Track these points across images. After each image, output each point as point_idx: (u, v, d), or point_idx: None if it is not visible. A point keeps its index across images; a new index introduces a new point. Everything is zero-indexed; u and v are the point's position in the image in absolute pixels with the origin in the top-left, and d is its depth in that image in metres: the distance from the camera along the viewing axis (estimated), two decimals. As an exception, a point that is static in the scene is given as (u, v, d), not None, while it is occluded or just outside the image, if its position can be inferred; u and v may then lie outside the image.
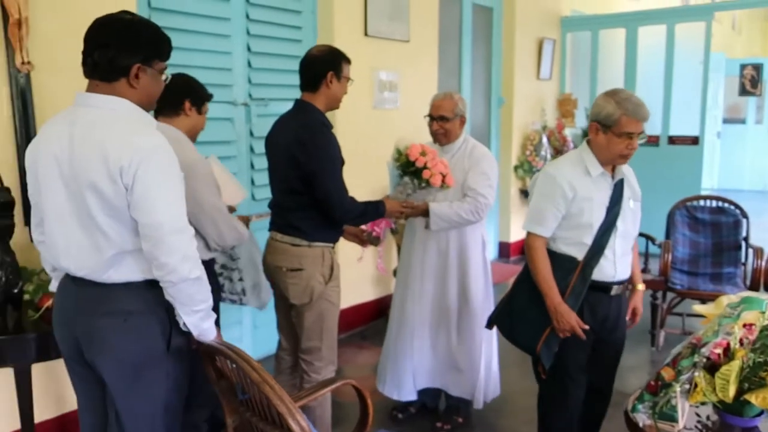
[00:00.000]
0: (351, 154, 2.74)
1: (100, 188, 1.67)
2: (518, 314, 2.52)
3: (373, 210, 2.66)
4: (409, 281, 3.12)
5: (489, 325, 2.70)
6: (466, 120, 3.01)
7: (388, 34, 4.51)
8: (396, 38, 4.58)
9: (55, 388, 2.83)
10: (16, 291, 2.46)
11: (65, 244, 1.77)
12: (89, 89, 1.76)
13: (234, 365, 1.70)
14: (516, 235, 6.47)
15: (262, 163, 3.50)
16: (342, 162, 2.57)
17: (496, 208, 6.43)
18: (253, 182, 3.80)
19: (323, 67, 2.55)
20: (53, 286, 2.00)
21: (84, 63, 1.75)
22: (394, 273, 4.22)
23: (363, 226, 2.92)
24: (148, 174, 1.66)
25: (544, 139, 6.33)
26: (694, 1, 9.81)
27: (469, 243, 3.04)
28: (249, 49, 3.71)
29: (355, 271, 4.24)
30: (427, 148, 2.85)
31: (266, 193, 3.05)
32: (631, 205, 2.44)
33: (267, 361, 3.89)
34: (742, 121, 11.36)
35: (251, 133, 3.75)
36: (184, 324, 1.82)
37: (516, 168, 6.34)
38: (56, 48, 2.73)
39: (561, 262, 2.39)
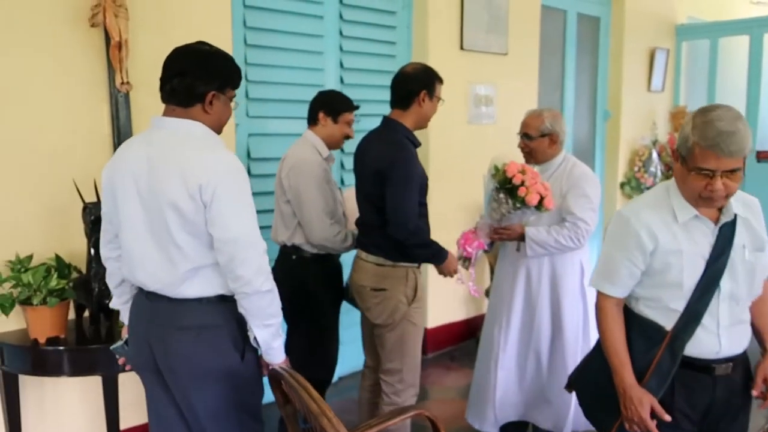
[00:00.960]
0: (443, 169, 2.64)
1: (179, 206, 1.73)
2: (593, 383, 2.01)
3: (437, 251, 2.55)
4: (497, 307, 2.97)
5: (568, 387, 2.21)
6: (560, 138, 2.83)
7: (485, 47, 4.39)
8: (493, 51, 4.45)
9: (141, 396, 2.92)
10: (108, 302, 2.54)
11: (140, 258, 1.84)
12: (166, 113, 1.85)
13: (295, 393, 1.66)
14: (621, 255, 6.12)
15: (352, 179, 3.49)
16: (421, 182, 2.50)
17: (600, 228, 6.10)
18: (342, 198, 3.79)
19: (417, 85, 2.54)
20: (114, 303, 2.08)
21: (162, 89, 1.85)
22: (487, 293, 4.08)
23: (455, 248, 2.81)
24: (225, 192, 1.73)
25: (654, 155, 5.96)
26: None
27: (563, 269, 2.84)
28: (341, 65, 3.72)
29: (446, 290, 4.13)
30: (527, 168, 2.68)
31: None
32: (746, 257, 1.80)
33: (349, 378, 3.87)
34: None
35: (341, 149, 3.74)
36: (254, 339, 1.85)
37: (622, 185, 6.00)
38: (154, 68, 2.78)
39: (644, 329, 1.85)
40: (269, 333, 1.83)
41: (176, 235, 1.76)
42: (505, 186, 2.62)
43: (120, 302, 2.05)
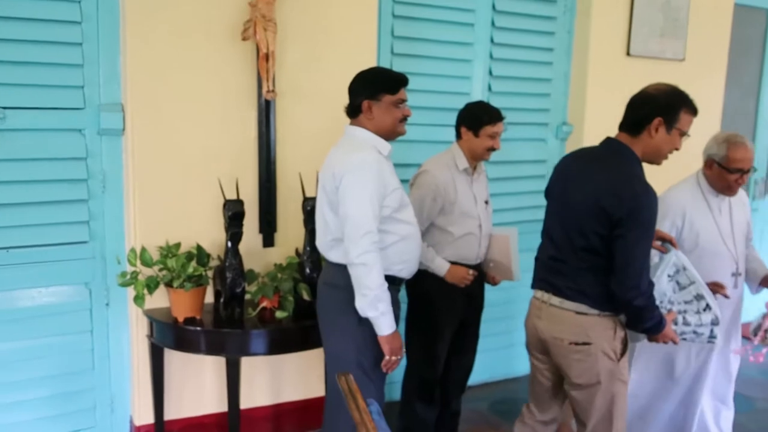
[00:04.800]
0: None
1: (326, 188, 2.30)
2: None
3: (658, 320, 2.17)
4: None
5: None
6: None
7: (658, 53, 4.06)
8: (667, 57, 4.10)
9: (265, 380, 3.17)
10: (239, 290, 2.79)
11: (317, 229, 2.44)
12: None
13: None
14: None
15: (497, 190, 3.40)
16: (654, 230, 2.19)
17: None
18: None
19: (653, 110, 2.15)
20: None
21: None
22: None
23: None
24: (349, 180, 2.21)
25: None
26: None
27: None
28: (491, 73, 3.68)
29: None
30: None
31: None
32: None
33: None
34: None
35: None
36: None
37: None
38: (298, 77, 3.03)
39: None
40: (365, 302, 2.20)
41: (325, 212, 2.33)
42: None
43: None
